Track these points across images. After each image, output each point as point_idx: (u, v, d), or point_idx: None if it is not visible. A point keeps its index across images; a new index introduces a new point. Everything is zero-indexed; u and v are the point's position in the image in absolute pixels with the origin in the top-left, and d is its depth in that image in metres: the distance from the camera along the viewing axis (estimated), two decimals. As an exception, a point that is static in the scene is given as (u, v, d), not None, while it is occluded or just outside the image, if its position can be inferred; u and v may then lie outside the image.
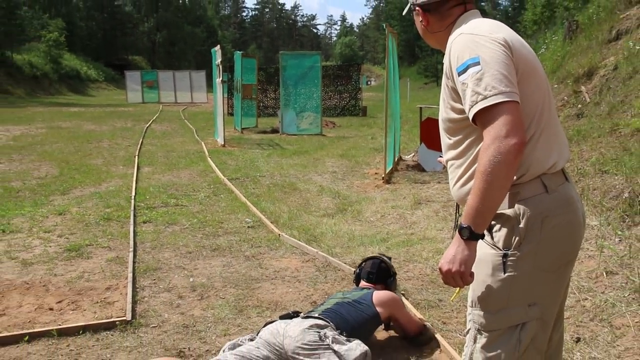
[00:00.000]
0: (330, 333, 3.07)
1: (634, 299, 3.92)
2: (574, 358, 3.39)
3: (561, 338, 2.29)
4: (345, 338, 3.07)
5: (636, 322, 3.65)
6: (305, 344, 2.98)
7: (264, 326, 3.34)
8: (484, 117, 1.77)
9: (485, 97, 1.75)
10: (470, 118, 1.82)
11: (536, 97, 1.94)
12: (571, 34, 15.03)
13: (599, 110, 8.83)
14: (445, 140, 2.12)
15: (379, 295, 3.63)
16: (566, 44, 14.36)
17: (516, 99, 1.76)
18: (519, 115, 1.76)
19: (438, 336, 3.72)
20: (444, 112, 2.06)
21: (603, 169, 6.27)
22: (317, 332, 3.07)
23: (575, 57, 12.10)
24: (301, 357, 2.97)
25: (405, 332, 3.65)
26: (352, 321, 3.36)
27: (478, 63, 1.80)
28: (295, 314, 3.46)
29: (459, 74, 1.85)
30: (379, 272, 4.09)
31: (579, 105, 9.55)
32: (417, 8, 2.16)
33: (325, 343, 2.99)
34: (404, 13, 2.36)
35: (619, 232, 4.91)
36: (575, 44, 13.35)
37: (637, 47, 10.05)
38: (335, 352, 2.95)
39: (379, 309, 3.52)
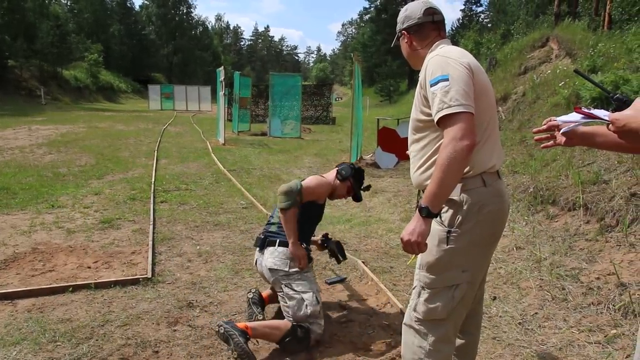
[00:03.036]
0: (287, 282, 3.02)
1: (535, 267, 3.98)
2: (491, 312, 3.43)
3: (482, 295, 2.36)
4: (293, 281, 3.01)
5: (537, 284, 3.72)
6: (277, 289, 3.09)
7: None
8: (446, 121, 1.79)
9: (450, 106, 1.77)
10: (435, 121, 1.83)
11: (486, 112, 1.95)
12: (492, 67, 15.18)
13: (512, 126, 8.95)
14: (411, 136, 2.12)
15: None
16: (488, 75, 14.50)
17: (472, 110, 1.79)
18: (473, 123, 1.78)
19: (389, 294, 3.73)
20: (414, 114, 2.06)
21: (514, 169, 6.36)
22: (280, 282, 3.04)
23: (494, 85, 12.20)
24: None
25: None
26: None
27: (447, 79, 1.81)
28: (264, 238, 3.20)
29: (431, 86, 1.86)
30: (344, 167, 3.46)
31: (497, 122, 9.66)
32: (403, 32, 2.15)
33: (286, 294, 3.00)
34: (392, 45, 2.34)
35: (526, 218, 4.99)
36: (495, 75, 13.49)
37: (539, 80, 10.21)
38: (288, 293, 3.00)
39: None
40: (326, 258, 4.51)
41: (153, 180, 8.10)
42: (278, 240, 3.13)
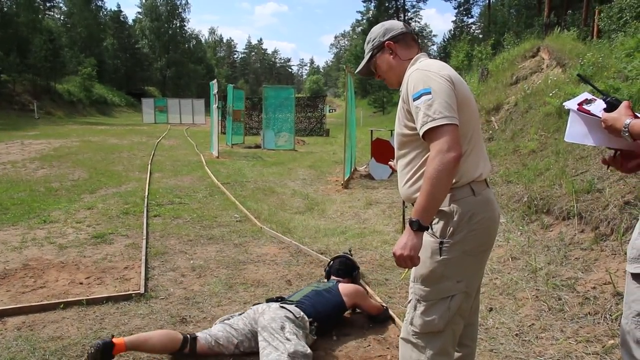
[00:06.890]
0: (289, 327, 2.89)
1: (531, 277, 3.96)
2: (488, 323, 3.40)
3: (477, 305, 2.33)
4: (300, 332, 2.90)
5: (533, 295, 3.69)
6: (270, 328, 2.85)
7: (253, 305, 3.26)
8: (432, 134, 1.79)
9: (434, 119, 1.78)
10: (421, 134, 1.84)
11: (469, 122, 1.96)
12: (484, 77, 15.27)
13: (505, 136, 8.98)
14: (397, 150, 2.12)
15: (345, 286, 3.52)
16: (480, 85, 14.59)
17: (456, 122, 1.80)
18: (458, 135, 1.79)
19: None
20: (398, 128, 2.06)
21: (508, 179, 6.36)
22: (282, 323, 2.90)
23: (486, 95, 12.29)
24: (263, 335, 2.84)
25: (368, 314, 3.54)
26: (321, 309, 3.23)
27: (430, 93, 1.82)
28: (279, 299, 3.28)
29: (414, 100, 1.86)
30: (346, 268, 3.90)
31: (490, 132, 9.69)
32: (389, 43, 2.15)
33: (281, 335, 2.82)
34: (358, 69, 2.31)
35: (521, 228, 4.98)
36: (486, 85, 13.56)
37: (530, 90, 10.26)
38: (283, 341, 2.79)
39: (344, 298, 3.42)
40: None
41: (146, 194, 8.05)
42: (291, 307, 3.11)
